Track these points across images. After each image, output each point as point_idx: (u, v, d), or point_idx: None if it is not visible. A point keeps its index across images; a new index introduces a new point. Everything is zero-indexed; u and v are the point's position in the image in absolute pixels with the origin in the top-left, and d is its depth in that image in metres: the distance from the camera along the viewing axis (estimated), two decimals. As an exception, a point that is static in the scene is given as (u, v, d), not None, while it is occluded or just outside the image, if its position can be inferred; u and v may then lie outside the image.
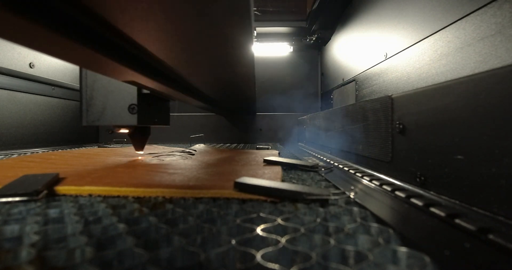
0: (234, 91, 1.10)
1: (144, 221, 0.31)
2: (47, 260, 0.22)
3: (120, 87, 0.74)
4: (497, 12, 0.51)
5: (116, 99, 0.75)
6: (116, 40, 0.40)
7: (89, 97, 0.74)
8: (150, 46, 0.44)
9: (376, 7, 1.08)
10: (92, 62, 0.43)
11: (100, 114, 0.75)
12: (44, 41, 0.33)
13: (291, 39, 2.09)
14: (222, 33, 0.43)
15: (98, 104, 0.75)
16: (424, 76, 0.74)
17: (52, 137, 1.51)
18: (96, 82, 0.74)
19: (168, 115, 0.99)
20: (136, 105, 0.75)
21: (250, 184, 0.43)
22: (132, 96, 0.75)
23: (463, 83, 0.36)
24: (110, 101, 0.75)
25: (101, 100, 0.75)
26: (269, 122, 2.07)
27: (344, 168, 0.69)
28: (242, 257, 0.23)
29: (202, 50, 0.51)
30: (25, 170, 0.62)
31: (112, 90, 0.75)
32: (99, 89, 0.75)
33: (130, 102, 0.75)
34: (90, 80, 0.74)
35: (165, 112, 0.96)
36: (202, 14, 0.35)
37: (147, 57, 0.50)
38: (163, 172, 0.60)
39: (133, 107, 0.75)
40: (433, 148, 0.41)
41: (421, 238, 0.27)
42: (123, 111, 0.75)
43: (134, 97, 0.75)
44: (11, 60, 1.25)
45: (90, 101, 0.74)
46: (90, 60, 0.41)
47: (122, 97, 0.75)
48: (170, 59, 0.53)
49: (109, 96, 0.75)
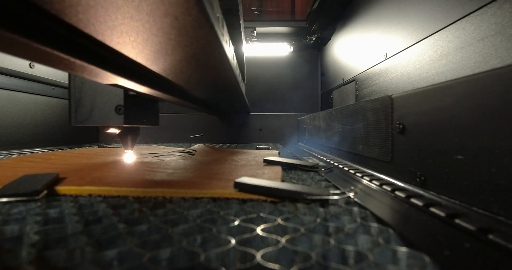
0: (220, 91, 1.11)
1: (144, 221, 0.31)
2: (47, 260, 0.22)
3: (108, 89, 0.77)
4: (497, 12, 0.51)
5: (103, 100, 0.77)
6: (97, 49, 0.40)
7: (77, 98, 0.76)
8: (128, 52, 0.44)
9: (376, 7, 1.08)
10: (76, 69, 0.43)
11: (88, 114, 0.77)
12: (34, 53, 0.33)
13: (291, 39, 2.09)
14: (188, 35, 0.42)
15: (86, 104, 0.77)
16: (424, 76, 0.74)
17: (52, 137, 1.51)
18: (84, 84, 0.77)
19: (157, 115, 1.01)
20: (122, 106, 0.77)
21: (250, 184, 0.43)
22: (119, 98, 0.77)
23: (463, 83, 0.36)
24: (98, 102, 0.77)
25: (89, 101, 0.77)
26: (269, 122, 2.07)
27: (344, 168, 0.69)
28: (242, 257, 0.23)
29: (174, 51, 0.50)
30: (25, 170, 0.62)
31: (100, 92, 0.77)
32: (87, 90, 0.77)
33: (117, 103, 0.77)
34: (78, 81, 0.76)
35: (154, 113, 0.99)
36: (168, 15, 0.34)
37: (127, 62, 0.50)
38: (163, 172, 0.60)
39: (119, 108, 0.77)
40: (433, 148, 0.41)
41: (421, 238, 0.27)
42: (110, 112, 0.77)
43: (121, 98, 0.77)
44: (11, 60, 1.25)
45: (78, 102, 0.76)
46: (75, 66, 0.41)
47: (109, 98, 0.77)
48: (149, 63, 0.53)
49: (97, 97, 0.77)
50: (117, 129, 0.86)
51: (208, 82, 0.89)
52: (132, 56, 0.46)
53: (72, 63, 0.39)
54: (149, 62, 0.51)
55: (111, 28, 0.34)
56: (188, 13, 0.33)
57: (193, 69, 0.65)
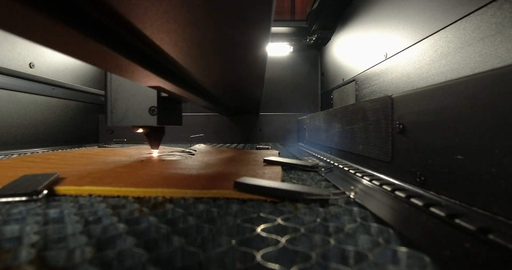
0: (244, 91, 1.14)
1: (144, 221, 0.31)
2: (47, 260, 0.22)
3: (141, 91, 0.83)
4: (497, 12, 0.51)
5: (137, 102, 0.83)
6: (142, 46, 0.43)
7: (113, 100, 0.83)
8: (173, 53, 0.48)
9: (376, 7, 1.08)
10: (124, 70, 0.47)
11: (123, 115, 0.83)
12: (89, 51, 0.37)
13: (291, 39, 2.09)
14: (241, 34, 0.43)
15: (121, 106, 0.83)
16: (424, 76, 0.74)
17: (52, 137, 1.51)
18: (120, 86, 0.83)
19: (180, 115, 1.08)
20: (156, 107, 0.83)
21: (250, 184, 0.43)
22: (152, 99, 0.83)
23: (463, 83, 0.36)
24: (132, 103, 0.83)
25: (124, 103, 0.83)
26: (269, 122, 2.07)
27: (344, 168, 0.69)
28: (242, 257, 0.23)
29: (220, 53, 0.53)
30: (25, 170, 0.62)
31: (134, 94, 0.83)
32: (122, 93, 0.83)
33: (151, 104, 0.83)
34: (115, 84, 0.82)
35: (178, 113, 1.06)
36: (226, 13, 0.35)
37: (169, 63, 0.54)
38: (163, 172, 0.60)
39: (153, 109, 0.83)
40: (433, 148, 0.41)
41: (421, 238, 0.27)
42: (144, 113, 0.83)
43: (154, 100, 0.83)
44: (11, 60, 1.25)
45: (114, 104, 0.83)
46: (123, 67, 0.45)
47: (143, 100, 0.83)
48: (189, 64, 0.57)
49: (131, 99, 0.83)
50: (144, 129, 0.91)
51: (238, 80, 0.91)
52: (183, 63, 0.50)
53: (127, 65, 0.42)
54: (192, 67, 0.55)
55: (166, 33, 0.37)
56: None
57: (231, 67, 0.68)
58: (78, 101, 1.71)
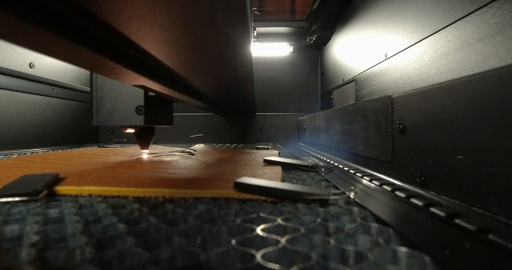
0: (234, 90, 1.14)
1: (144, 221, 0.31)
2: (47, 260, 0.22)
3: (128, 90, 0.80)
4: (497, 12, 0.51)
5: (124, 101, 0.80)
6: (124, 46, 0.42)
7: (99, 99, 0.80)
8: (156, 52, 0.47)
9: (376, 7, 1.08)
10: (105, 69, 0.46)
11: (110, 115, 0.80)
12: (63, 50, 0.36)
13: (291, 39, 2.09)
14: (221, 34, 0.43)
15: (107, 105, 0.80)
16: (424, 76, 0.74)
17: (52, 137, 1.51)
18: (105, 85, 0.80)
19: (171, 115, 1.04)
20: (143, 107, 0.81)
21: (250, 184, 0.43)
22: (139, 98, 0.81)
23: (463, 83, 0.36)
24: (119, 102, 0.81)
25: (110, 102, 0.80)
26: (269, 122, 2.07)
27: (344, 168, 0.69)
28: (242, 257, 0.23)
29: (202, 52, 0.53)
30: (25, 170, 0.62)
31: (120, 93, 0.80)
32: (108, 92, 0.80)
33: (137, 103, 0.81)
34: (100, 83, 0.80)
35: (169, 113, 1.02)
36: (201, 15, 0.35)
37: (153, 62, 0.53)
38: (163, 172, 0.60)
39: (140, 108, 0.80)
40: (433, 148, 0.41)
41: (421, 238, 0.27)
42: (130, 112, 0.80)
43: (141, 99, 0.81)
44: (11, 60, 1.25)
45: (100, 103, 0.80)
46: (103, 66, 0.44)
47: (130, 99, 0.81)
48: (173, 62, 0.56)
49: (118, 98, 0.81)
50: (133, 129, 0.88)
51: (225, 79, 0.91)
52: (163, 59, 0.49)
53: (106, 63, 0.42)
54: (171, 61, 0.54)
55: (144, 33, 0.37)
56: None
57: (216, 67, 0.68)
58: (78, 101, 1.71)
